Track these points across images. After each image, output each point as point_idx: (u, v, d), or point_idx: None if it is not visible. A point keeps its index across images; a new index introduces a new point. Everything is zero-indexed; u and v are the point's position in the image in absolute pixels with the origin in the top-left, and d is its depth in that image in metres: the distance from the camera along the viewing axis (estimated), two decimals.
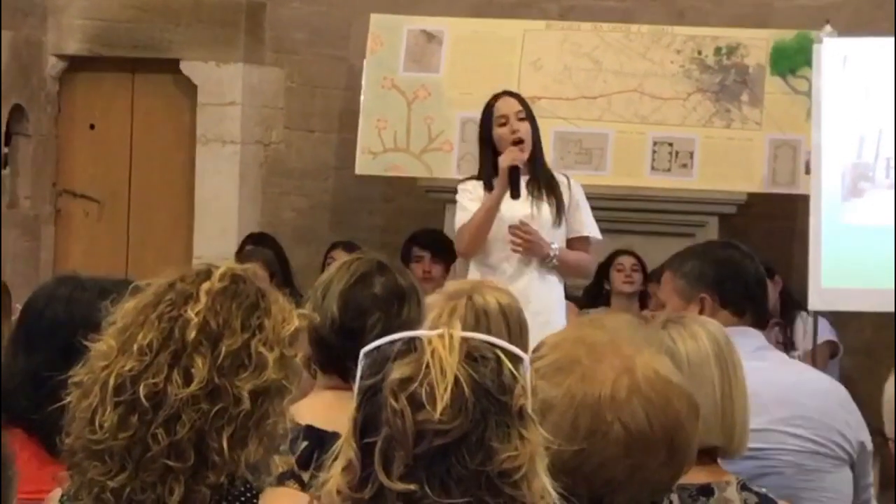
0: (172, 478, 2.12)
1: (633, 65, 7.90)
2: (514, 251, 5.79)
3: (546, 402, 2.10)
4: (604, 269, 7.35)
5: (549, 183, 5.92)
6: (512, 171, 5.81)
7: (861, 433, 3.54)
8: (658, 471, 2.14)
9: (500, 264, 5.86)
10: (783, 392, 3.47)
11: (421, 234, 7.64)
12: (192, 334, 2.17)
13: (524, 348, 1.99)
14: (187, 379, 2.15)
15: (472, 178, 6.06)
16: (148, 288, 2.25)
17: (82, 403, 2.18)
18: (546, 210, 5.87)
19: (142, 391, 2.14)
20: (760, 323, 3.77)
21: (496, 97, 6.07)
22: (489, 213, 5.83)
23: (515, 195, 5.82)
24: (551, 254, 5.80)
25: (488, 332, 1.92)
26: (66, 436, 2.19)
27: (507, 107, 5.96)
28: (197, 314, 2.18)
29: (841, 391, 3.63)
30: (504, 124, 5.91)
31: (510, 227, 5.77)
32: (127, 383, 2.16)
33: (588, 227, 5.99)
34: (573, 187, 5.99)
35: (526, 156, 5.85)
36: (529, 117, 5.94)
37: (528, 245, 5.77)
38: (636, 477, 2.12)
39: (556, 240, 5.86)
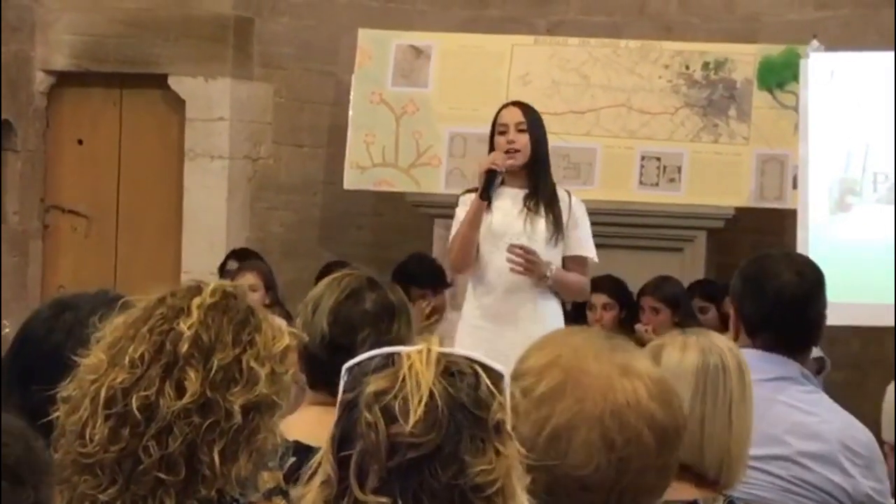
0: (163, 491, 2.12)
1: (621, 80, 7.91)
2: (513, 271, 5.71)
3: (562, 426, 2.10)
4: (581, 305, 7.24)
5: (549, 199, 5.84)
6: (489, 173, 5.76)
7: (868, 483, 3.32)
8: (673, 468, 2.18)
9: (494, 281, 5.80)
10: (771, 429, 3.27)
11: (411, 270, 7.03)
12: (184, 347, 2.16)
13: None
14: (180, 392, 2.14)
15: (473, 189, 5.96)
16: (137, 304, 2.25)
17: (71, 417, 2.17)
18: (542, 227, 5.79)
19: (134, 403, 2.13)
20: (790, 349, 3.45)
21: (504, 105, 6.04)
22: (472, 222, 5.77)
23: (483, 197, 5.76)
24: (548, 274, 5.73)
25: None
26: (54, 451, 2.18)
27: (510, 116, 5.90)
28: (189, 328, 2.17)
29: (852, 438, 3.36)
30: (503, 133, 5.87)
31: (509, 246, 5.70)
32: (118, 396, 2.15)
33: (586, 247, 5.91)
34: (574, 205, 5.91)
35: (512, 163, 5.77)
36: (534, 130, 5.88)
37: (527, 265, 5.70)
38: (662, 479, 2.15)
39: (551, 258, 5.78)
